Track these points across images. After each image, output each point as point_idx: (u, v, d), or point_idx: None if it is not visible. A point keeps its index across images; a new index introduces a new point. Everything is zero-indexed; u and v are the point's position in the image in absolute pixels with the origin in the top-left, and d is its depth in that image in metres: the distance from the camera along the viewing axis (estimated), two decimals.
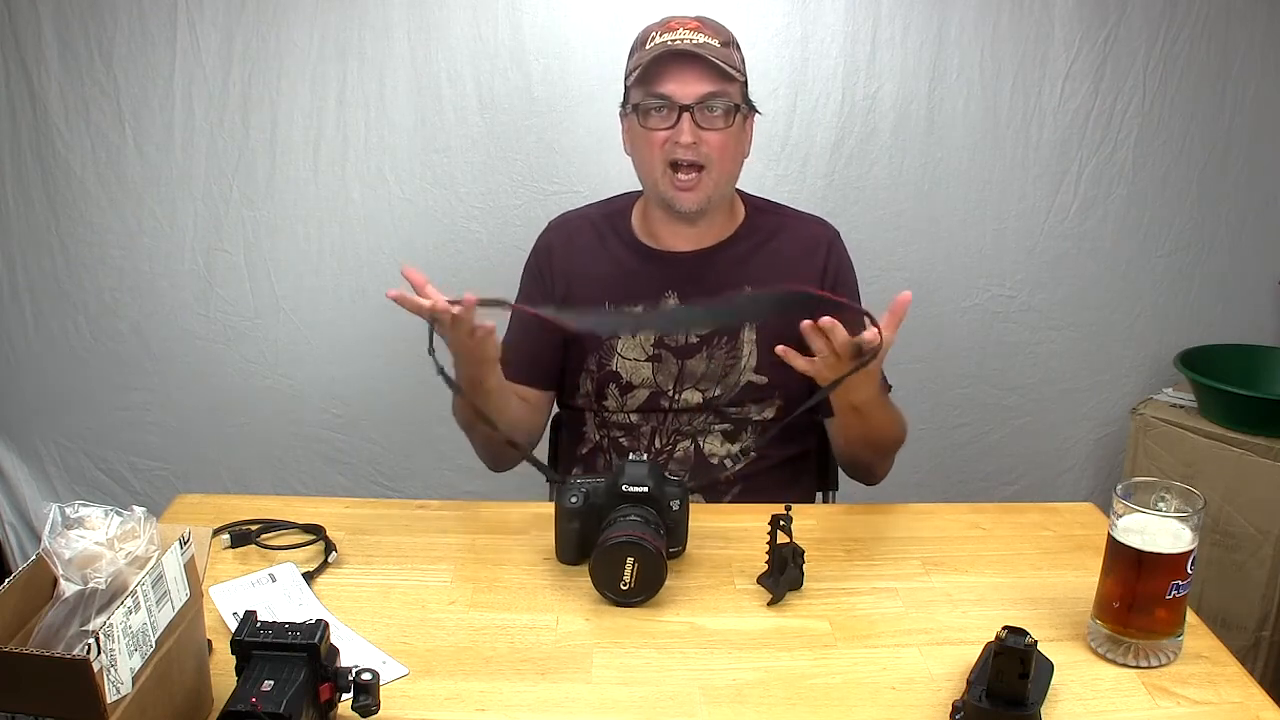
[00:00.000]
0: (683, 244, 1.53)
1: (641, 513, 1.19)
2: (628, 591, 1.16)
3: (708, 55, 1.38)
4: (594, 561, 1.16)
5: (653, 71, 1.40)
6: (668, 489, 1.23)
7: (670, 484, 1.24)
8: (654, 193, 1.48)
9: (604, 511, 1.21)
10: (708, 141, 1.41)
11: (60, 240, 2.25)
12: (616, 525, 1.17)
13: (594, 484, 1.24)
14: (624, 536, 1.14)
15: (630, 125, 1.48)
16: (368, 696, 0.90)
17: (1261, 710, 1.00)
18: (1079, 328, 2.37)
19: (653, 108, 1.41)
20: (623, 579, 1.15)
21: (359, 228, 2.25)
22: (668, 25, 1.42)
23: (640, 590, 1.16)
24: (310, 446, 2.38)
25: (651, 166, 1.44)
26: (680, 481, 1.26)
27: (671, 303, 1.52)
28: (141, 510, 0.88)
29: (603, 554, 1.15)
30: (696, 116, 1.40)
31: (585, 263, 1.56)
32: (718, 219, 1.52)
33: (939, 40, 2.17)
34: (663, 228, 1.52)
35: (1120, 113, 2.24)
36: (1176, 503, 1.06)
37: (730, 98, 1.42)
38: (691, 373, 1.52)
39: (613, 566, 1.15)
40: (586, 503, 1.23)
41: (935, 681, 1.04)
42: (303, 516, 1.32)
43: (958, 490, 2.40)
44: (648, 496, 1.21)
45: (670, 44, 1.39)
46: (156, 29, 2.12)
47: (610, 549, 1.15)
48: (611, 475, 1.24)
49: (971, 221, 2.29)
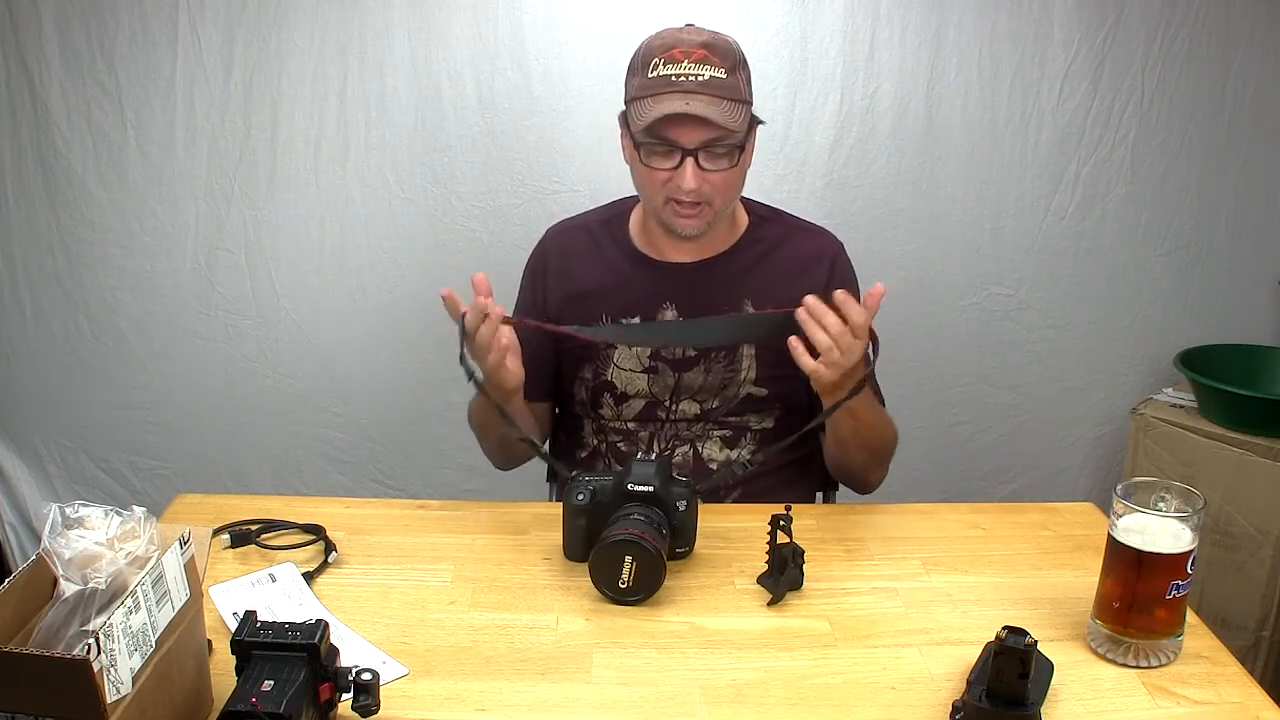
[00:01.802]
0: (682, 255, 1.50)
1: (646, 512, 1.19)
2: (625, 590, 1.16)
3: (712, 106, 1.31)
4: (593, 559, 1.17)
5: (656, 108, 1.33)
6: (674, 489, 1.23)
7: (677, 484, 1.24)
8: (654, 215, 1.45)
9: (610, 509, 1.21)
10: (710, 181, 1.36)
11: (61, 239, 2.25)
12: (619, 523, 1.17)
13: (601, 482, 1.24)
14: (623, 535, 1.14)
15: (630, 151, 1.42)
16: (368, 696, 0.90)
17: (1261, 710, 1.00)
18: (1078, 327, 2.37)
19: (656, 151, 1.36)
20: (621, 577, 1.15)
21: (359, 227, 2.25)
22: (671, 54, 1.34)
23: (638, 589, 1.16)
24: (311, 445, 2.38)
25: (652, 196, 1.41)
26: (688, 482, 1.25)
27: (669, 315, 1.50)
28: (141, 510, 0.88)
29: (602, 551, 1.15)
30: (700, 159, 1.35)
31: (581, 272, 1.54)
32: (719, 231, 1.49)
33: (937, 40, 2.17)
34: (662, 240, 1.50)
35: (1119, 112, 2.24)
36: (1176, 503, 1.06)
37: (735, 138, 1.35)
38: (689, 385, 1.50)
39: (611, 564, 1.15)
40: (593, 500, 1.23)
41: (935, 681, 1.04)
42: (303, 516, 1.32)
43: (956, 489, 2.40)
44: (653, 496, 1.21)
45: (674, 81, 1.32)
46: (158, 29, 2.12)
47: (609, 547, 1.15)
48: (619, 474, 1.24)
49: (970, 221, 2.29)
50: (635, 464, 1.23)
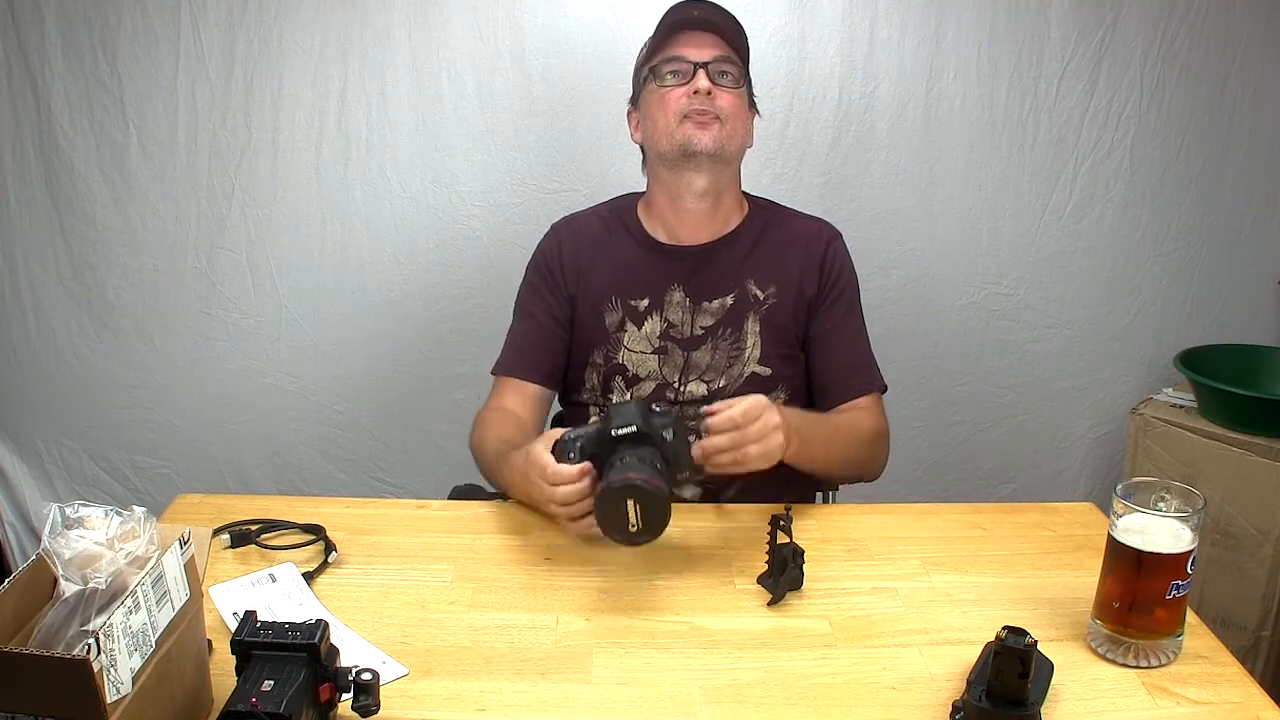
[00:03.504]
0: (688, 236, 1.55)
1: (637, 453, 1.19)
2: (637, 533, 1.15)
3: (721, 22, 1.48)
4: (598, 510, 1.16)
5: (669, 38, 1.48)
6: (656, 420, 1.23)
7: (658, 415, 1.23)
8: (669, 145, 1.48)
9: (603, 459, 1.21)
10: (721, 98, 1.47)
11: (63, 238, 2.25)
12: (614, 470, 1.17)
13: (586, 434, 1.24)
14: (620, 482, 1.14)
15: (647, 93, 1.52)
16: (368, 696, 0.90)
17: (1261, 710, 1.00)
18: (1076, 326, 2.37)
19: (669, 70, 1.48)
20: (630, 522, 1.15)
21: (360, 226, 2.25)
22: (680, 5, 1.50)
23: (649, 528, 1.15)
24: (312, 444, 2.38)
25: (667, 121, 1.48)
26: (666, 410, 1.25)
27: (678, 296, 1.53)
28: (141, 510, 0.88)
29: (603, 501, 1.15)
30: (711, 74, 1.46)
31: (594, 256, 1.58)
32: (722, 209, 1.55)
33: (936, 39, 2.18)
34: (670, 216, 1.55)
35: (1117, 112, 2.24)
36: (1176, 503, 1.06)
37: (740, 70, 1.49)
38: (697, 364, 1.54)
39: (617, 511, 1.15)
40: (584, 455, 1.23)
41: (935, 681, 1.04)
42: (303, 516, 1.33)
43: (956, 489, 2.40)
44: (639, 435, 1.21)
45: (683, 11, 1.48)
46: (160, 28, 2.13)
47: (610, 495, 1.15)
48: (601, 423, 1.24)
49: (968, 220, 2.29)
50: (614, 409, 1.24)
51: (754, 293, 1.54)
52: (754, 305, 1.54)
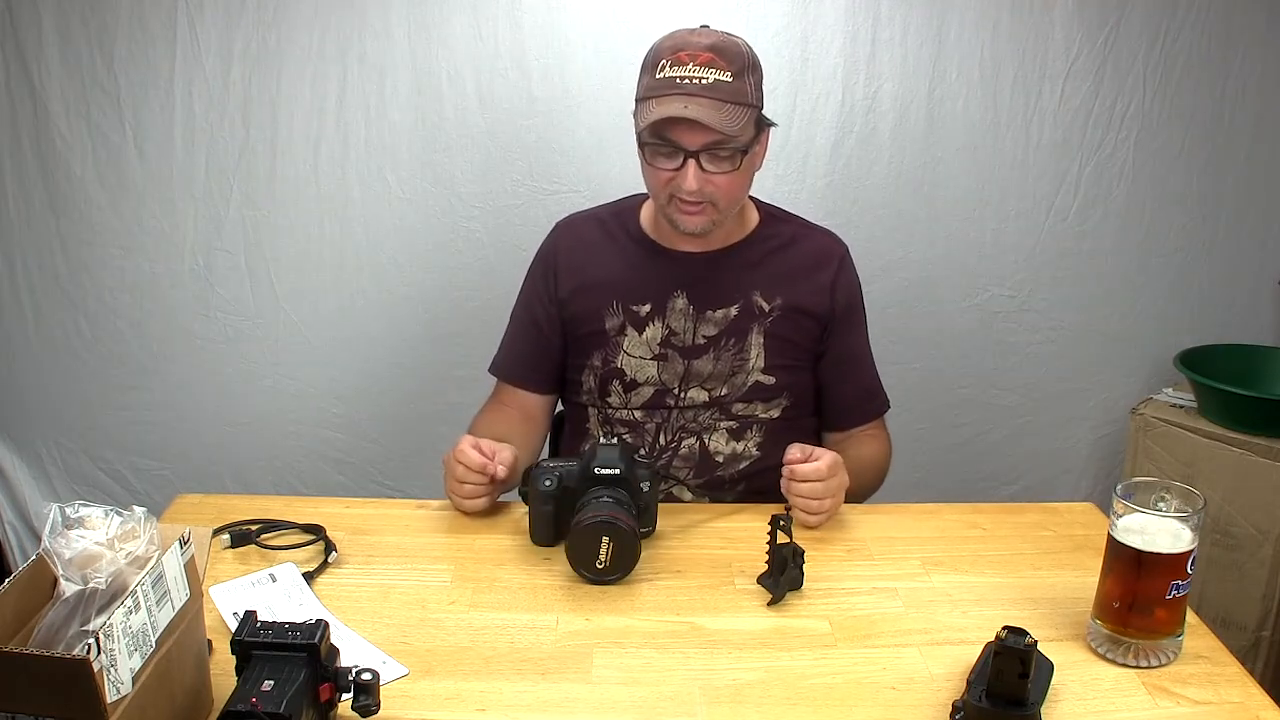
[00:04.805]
0: (693, 245, 1.53)
1: (614, 494, 1.22)
2: (604, 570, 1.19)
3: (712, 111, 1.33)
4: (570, 542, 1.19)
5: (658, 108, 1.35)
6: (638, 470, 1.27)
7: (640, 466, 1.28)
8: (660, 211, 1.48)
9: (577, 494, 1.25)
10: (713, 183, 1.39)
11: (61, 240, 2.24)
12: (591, 506, 1.20)
13: (566, 467, 1.28)
14: (600, 517, 1.17)
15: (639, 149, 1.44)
16: (368, 696, 0.90)
17: (1261, 710, 1.00)
18: (1078, 327, 2.37)
19: (660, 151, 1.39)
20: (599, 558, 1.18)
21: (359, 227, 2.25)
22: (678, 56, 1.35)
23: (615, 568, 1.19)
24: (310, 446, 2.38)
25: (658, 193, 1.44)
26: (649, 462, 1.29)
27: (681, 303, 1.52)
28: (141, 510, 0.88)
29: (578, 534, 1.18)
30: (703, 161, 1.37)
31: (593, 261, 1.56)
32: (728, 225, 1.52)
33: (939, 40, 2.17)
34: (672, 231, 1.52)
35: (1120, 113, 2.24)
36: (1176, 503, 1.06)
37: (737, 142, 1.37)
38: (698, 372, 1.52)
39: (589, 546, 1.18)
40: (559, 485, 1.27)
41: (935, 681, 1.04)
42: (303, 516, 1.33)
43: (957, 490, 2.40)
44: (619, 479, 1.24)
45: (678, 84, 1.34)
46: (157, 28, 2.12)
47: (586, 529, 1.18)
48: (583, 459, 1.27)
49: (971, 221, 2.28)
50: (599, 448, 1.26)
51: (759, 304, 1.52)
52: (759, 316, 1.52)
